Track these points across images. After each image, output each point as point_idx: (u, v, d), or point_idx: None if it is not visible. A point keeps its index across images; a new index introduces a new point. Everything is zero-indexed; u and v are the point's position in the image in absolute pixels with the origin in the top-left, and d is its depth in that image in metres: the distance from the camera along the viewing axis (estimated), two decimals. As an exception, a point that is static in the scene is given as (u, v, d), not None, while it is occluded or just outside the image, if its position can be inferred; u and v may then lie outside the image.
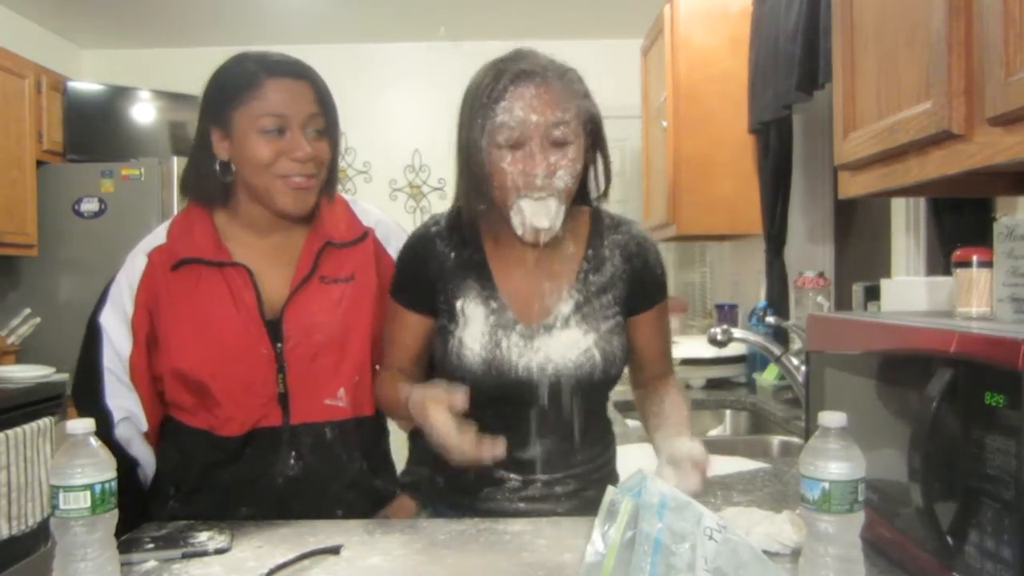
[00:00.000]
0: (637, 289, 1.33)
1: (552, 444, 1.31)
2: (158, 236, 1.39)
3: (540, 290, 1.30)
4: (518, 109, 1.18)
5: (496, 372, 1.27)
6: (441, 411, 1.12)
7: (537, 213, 1.20)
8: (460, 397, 1.13)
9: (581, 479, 1.34)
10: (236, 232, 1.38)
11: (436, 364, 1.35)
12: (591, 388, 1.29)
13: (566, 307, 1.29)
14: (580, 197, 1.33)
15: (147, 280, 1.34)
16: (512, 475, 1.32)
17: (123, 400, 1.34)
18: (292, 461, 1.34)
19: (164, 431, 1.39)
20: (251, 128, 1.30)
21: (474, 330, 1.28)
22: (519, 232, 1.23)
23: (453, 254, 1.33)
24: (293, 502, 1.34)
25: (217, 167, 1.35)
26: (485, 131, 1.20)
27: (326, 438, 1.36)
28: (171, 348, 1.33)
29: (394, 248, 1.45)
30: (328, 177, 1.38)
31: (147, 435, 1.37)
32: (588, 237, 1.34)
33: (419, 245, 1.35)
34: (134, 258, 1.37)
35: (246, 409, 1.32)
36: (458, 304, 1.30)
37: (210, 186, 1.37)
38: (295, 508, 1.33)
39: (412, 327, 1.35)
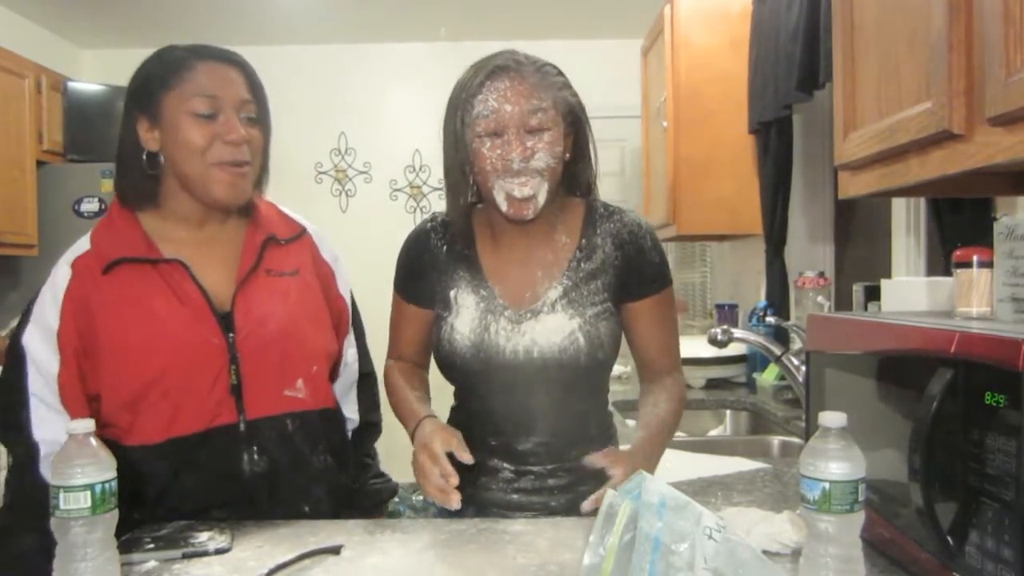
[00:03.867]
0: (630, 276, 1.34)
1: (545, 433, 1.33)
2: (81, 245, 1.32)
3: (531, 278, 1.34)
4: (493, 100, 1.24)
5: (484, 355, 1.31)
6: (439, 450, 1.20)
7: (518, 186, 1.24)
8: (464, 456, 1.20)
9: (576, 473, 1.33)
10: (165, 230, 1.33)
11: (433, 351, 1.39)
12: (578, 372, 1.31)
13: (554, 293, 1.32)
14: (573, 189, 1.37)
15: (73, 290, 1.26)
16: (506, 465, 1.34)
17: (51, 430, 1.21)
18: (256, 456, 1.30)
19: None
20: (182, 111, 1.27)
21: (465, 316, 1.33)
22: (503, 208, 1.26)
23: (446, 248, 1.38)
24: (261, 499, 1.31)
25: (144, 159, 1.30)
26: (466, 124, 1.26)
27: (288, 430, 1.33)
28: (113, 353, 1.25)
29: (327, 252, 1.48)
30: (260, 170, 1.37)
31: None
32: (582, 227, 1.36)
33: (415, 241, 1.42)
34: (57, 271, 1.30)
35: (200, 404, 1.27)
36: (451, 294, 1.36)
37: (138, 182, 1.32)
38: (264, 506, 1.31)
39: (412, 319, 1.41)
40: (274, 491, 1.33)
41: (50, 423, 1.22)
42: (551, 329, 1.29)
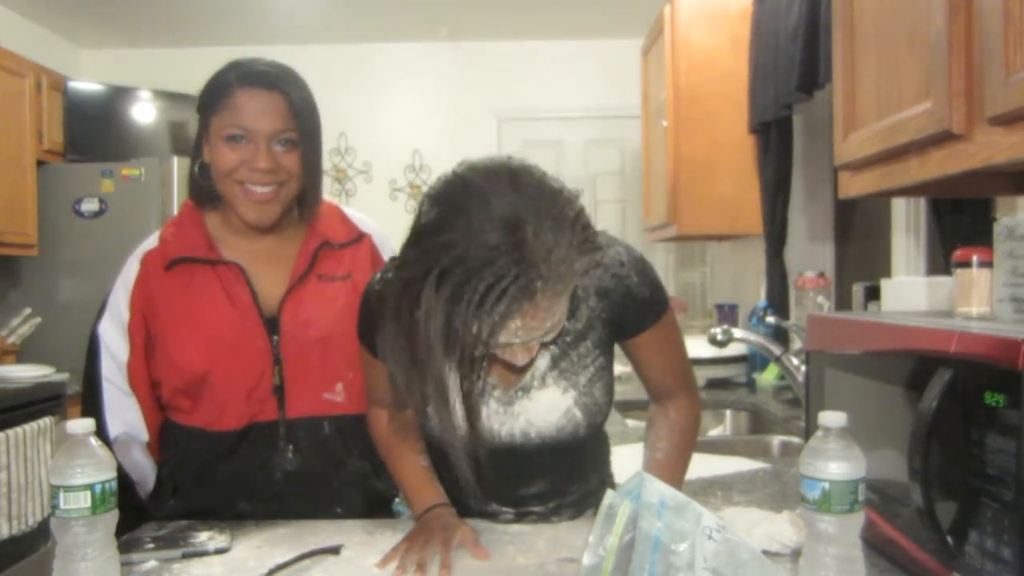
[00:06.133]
0: (621, 320, 1.21)
1: (543, 485, 1.28)
2: (151, 241, 1.41)
3: None
4: None
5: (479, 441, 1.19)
6: (456, 543, 1.13)
7: None
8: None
9: (577, 507, 1.31)
10: (227, 235, 1.40)
11: (419, 427, 1.26)
12: (577, 443, 1.24)
13: (543, 363, 1.20)
14: None
15: (141, 284, 1.36)
16: (505, 508, 1.29)
17: (122, 412, 1.36)
18: (290, 455, 1.36)
19: (162, 431, 1.40)
20: (219, 135, 1.31)
21: None
22: None
23: None
24: (291, 497, 1.35)
25: (198, 166, 1.38)
26: None
27: (324, 432, 1.37)
28: (167, 345, 1.34)
29: (388, 253, 1.46)
30: (306, 187, 1.37)
31: (148, 445, 1.38)
32: None
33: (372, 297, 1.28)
34: (129, 265, 1.40)
35: (243, 402, 1.34)
36: None
37: (198, 181, 1.40)
38: (294, 504, 1.34)
39: (381, 370, 1.22)
40: (305, 491, 1.36)
41: (120, 406, 1.36)
42: (546, 407, 1.19)
